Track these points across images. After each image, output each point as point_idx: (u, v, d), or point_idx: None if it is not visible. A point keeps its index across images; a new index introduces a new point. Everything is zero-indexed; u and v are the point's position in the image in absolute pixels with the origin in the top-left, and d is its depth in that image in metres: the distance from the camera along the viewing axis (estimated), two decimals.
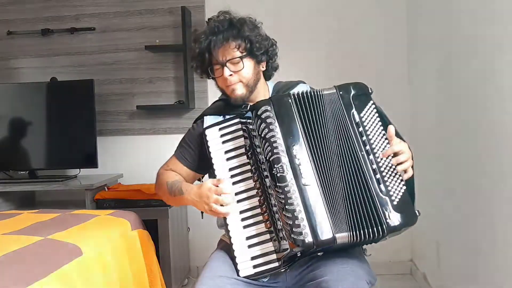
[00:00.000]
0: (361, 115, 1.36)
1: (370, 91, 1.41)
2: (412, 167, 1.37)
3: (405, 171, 1.33)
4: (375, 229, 1.27)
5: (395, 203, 1.29)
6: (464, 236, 1.99)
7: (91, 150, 2.85)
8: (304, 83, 1.65)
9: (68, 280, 1.34)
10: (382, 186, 1.30)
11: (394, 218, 1.28)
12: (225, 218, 1.40)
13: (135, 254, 1.80)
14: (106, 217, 1.88)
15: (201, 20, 3.01)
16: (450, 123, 2.14)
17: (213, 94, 3.02)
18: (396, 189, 1.31)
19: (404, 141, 1.39)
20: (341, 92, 1.38)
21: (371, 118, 1.37)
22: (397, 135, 1.38)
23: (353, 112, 1.36)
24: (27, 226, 1.71)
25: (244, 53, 1.49)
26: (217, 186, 1.39)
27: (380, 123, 1.37)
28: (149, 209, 2.62)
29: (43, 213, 1.96)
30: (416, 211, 1.32)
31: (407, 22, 2.90)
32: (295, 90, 1.48)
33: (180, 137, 1.70)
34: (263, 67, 1.58)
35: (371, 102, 1.39)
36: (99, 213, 1.94)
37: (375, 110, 1.38)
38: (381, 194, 1.29)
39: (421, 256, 2.77)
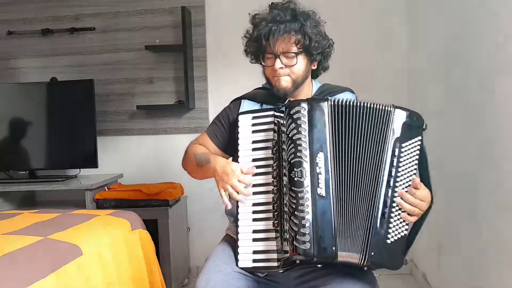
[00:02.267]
0: (403, 145, 1.29)
1: (424, 127, 1.32)
2: (423, 218, 1.33)
3: (409, 214, 1.29)
4: (361, 255, 1.26)
5: (388, 241, 1.27)
6: (465, 238, 1.99)
7: (91, 150, 2.85)
8: (352, 91, 1.59)
9: (68, 280, 1.35)
10: (384, 221, 1.27)
11: (379, 256, 1.26)
12: (237, 207, 1.40)
13: (135, 254, 1.80)
14: (106, 217, 1.88)
15: (201, 20, 3.02)
16: (450, 123, 2.14)
17: (213, 94, 3.04)
18: (396, 231, 1.28)
19: (431, 188, 1.33)
20: (395, 114, 1.30)
21: (411, 153, 1.30)
22: (427, 179, 1.33)
23: (395, 139, 1.29)
24: (27, 226, 1.71)
25: (301, 50, 1.45)
26: (242, 173, 1.38)
27: (416, 162, 1.30)
28: (149, 209, 2.62)
29: (43, 213, 1.96)
30: (404, 260, 1.29)
31: (407, 19, 2.90)
32: (338, 97, 1.41)
33: (180, 137, 1.70)
34: (314, 66, 1.53)
35: (419, 138, 1.30)
36: (99, 213, 1.94)
37: (418, 147, 1.30)
38: (379, 228, 1.27)
39: (421, 256, 2.77)
